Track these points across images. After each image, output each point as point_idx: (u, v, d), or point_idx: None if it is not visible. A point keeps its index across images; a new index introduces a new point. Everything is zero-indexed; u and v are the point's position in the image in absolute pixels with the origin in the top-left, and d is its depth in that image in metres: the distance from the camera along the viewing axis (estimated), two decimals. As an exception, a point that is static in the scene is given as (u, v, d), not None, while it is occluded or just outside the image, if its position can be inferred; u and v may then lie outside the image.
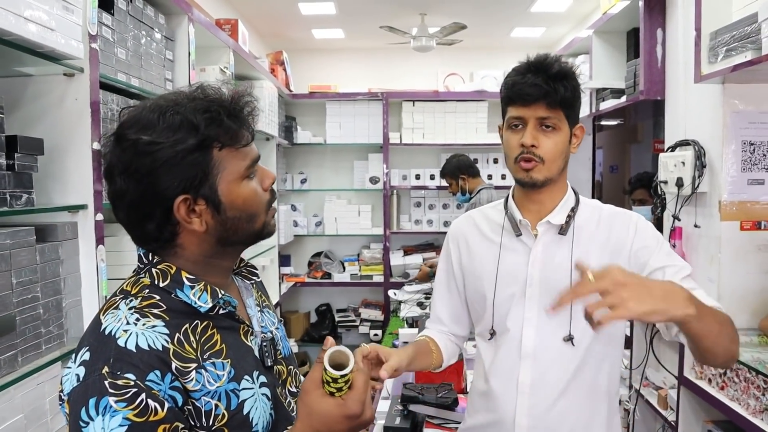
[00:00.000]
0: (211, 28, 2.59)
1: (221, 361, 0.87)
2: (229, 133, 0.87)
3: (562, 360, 1.24)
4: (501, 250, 1.32)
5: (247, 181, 0.90)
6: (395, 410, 1.79)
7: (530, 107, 1.21)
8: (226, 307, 0.90)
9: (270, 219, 0.95)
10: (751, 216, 2.02)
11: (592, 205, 1.34)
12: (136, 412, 0.76)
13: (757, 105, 2.00)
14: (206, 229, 0.88)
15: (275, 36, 4.77)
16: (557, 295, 1.17)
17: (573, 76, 1.22)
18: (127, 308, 0.84)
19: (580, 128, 1.29)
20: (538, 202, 1.29)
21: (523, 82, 1.21)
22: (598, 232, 1.28)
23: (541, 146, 1.22)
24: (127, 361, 0.78)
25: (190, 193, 0.85)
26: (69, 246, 1.50)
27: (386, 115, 4.47)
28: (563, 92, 1.19)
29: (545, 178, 1.24)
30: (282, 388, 0.98)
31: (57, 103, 1.54)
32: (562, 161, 1.26)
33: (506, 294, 1.29)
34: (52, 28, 1.36)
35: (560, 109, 1.21)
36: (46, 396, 1.38)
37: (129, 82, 1.82)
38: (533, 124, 1.22)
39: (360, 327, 4.62)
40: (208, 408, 0.83)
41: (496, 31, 4.60)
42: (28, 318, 1.35)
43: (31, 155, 1.40)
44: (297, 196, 4.75)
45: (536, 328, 1.26)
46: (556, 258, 1.27)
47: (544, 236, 1.29)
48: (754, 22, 1.69)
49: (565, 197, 1.30)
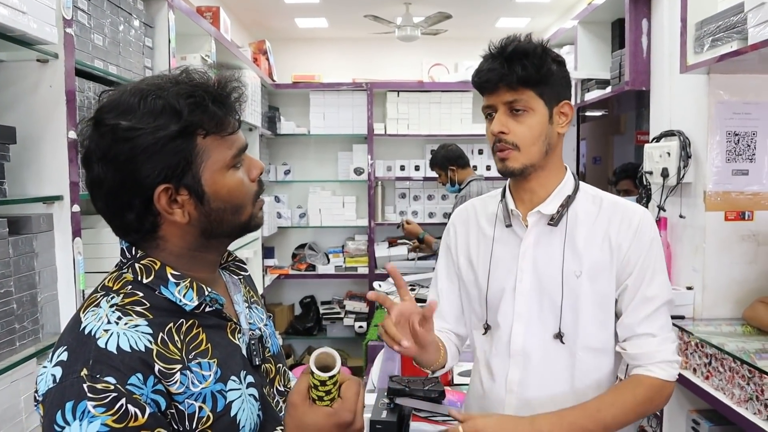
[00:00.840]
0: (192, 16, 2.54)
1: (207, 361, 0.83)
2: (214, 119, 0.82)
3: (551, 359, 1.20)
4: (494, 242, 1.27)
5: (233, 171, 0.85)
6: (381, 404, 1.77)
7: (495, 93, 1.17)
8: (212, 305, 0.86)
9: (257, 211, 0.91)
10: (735, 206, 2.02)
11: (592, 194, 1.25)
12: (114, 418, 0.72)
13: (742, 96, 2.00)
14: (189, 221, 0.83)
15: (258, 25, 4.70)
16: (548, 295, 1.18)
17: (537, 52, 1.15)
18: (109, 306, 0.80)
19: (566, 105, 1.20)
20: (529, 191, 1.23)
21: (482, 68, 1.18)
22: (595, 224, 1.21)
23: (512, 132, 1.16)
24: (107, 364, 0.74)
25: (172, 183, 0.81)
26: (44, 238, 1.46)
27: (371, 105, 4.43)
28: (521, 72, 1.13)
29: (523, 166, 1.17)
30: (270, 388, 0.94)
31: (30, 91, 1.49)
32: (543, 144, 1.18)
33: (497, 287, 1.25)
34: (23, 11, 1.30)
35: (527, 89, 1.15)
36: (20, 394, 1.34)
37: (107, 69, 1.76)
38: (502, 111, 1.17)
39: (345, 319, 4.60)
40: (191, 411, 0.79)
41: (481, 21, 4.58)
42: (0, 313, 1.30)
43: (3, 144, 1.35)
44: (281, 187, 4.70)
45: (526, 324, 1.21)
46: (548, 251, 1.21)
47: (535, 227, 1.22)
48: (740, 12, 1.68)
49: (561, 184, 1.23)
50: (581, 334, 1.19)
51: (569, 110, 1.21)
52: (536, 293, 1.21)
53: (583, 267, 1.18)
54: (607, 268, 1.19)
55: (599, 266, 1.19)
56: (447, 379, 2.08)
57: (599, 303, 1.19)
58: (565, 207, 1.21)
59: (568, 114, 1.21)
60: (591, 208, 1.22)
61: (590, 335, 1.19)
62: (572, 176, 1.25)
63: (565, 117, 1.21)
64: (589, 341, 1.19)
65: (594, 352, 1.20)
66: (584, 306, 1.18)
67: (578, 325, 1.19)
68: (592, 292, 1.18)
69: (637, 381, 1.16)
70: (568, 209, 1.21)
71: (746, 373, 1.62)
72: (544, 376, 1.20)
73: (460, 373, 1.99)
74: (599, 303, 1.19)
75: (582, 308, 1.18)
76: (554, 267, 1.19)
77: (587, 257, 1.19)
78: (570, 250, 1.19)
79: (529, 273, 1.21)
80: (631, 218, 1.19)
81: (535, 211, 1.22)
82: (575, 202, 1.22)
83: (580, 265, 1.18)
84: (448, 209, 4.57)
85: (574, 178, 1.25)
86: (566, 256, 1.19)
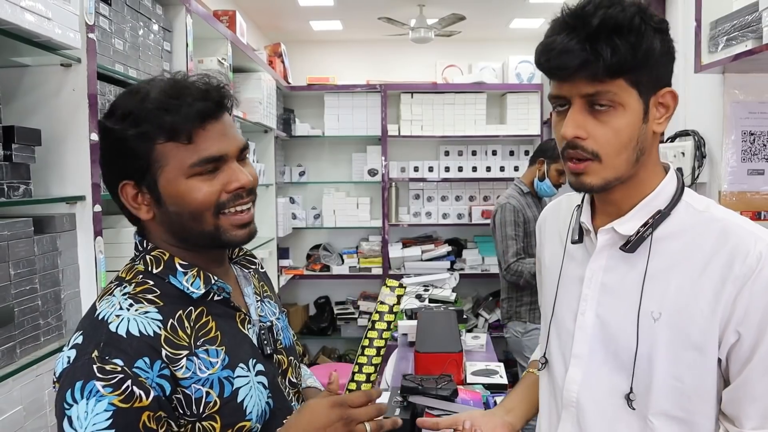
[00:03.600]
0: (209, 20, 2.58)
1: (215, 348, 0.87)
2: (164, 127, 0.84)
3: (614, 423, 0.92)
4: (564, 255, 1.00)
5: (193, 179, 0.86)
6: (395, 401, 1.79)
7: (569, 82, 0.85)
8: (220, 293, 0.90)
9: (225, 224, 0.88)
10: (750, 206, 2.02)
11: (698, 208, 0.91)
12: (121, 398, 0.76)
13: (758, 95, 2.00)
14: (154, 218, 0.89)
15: (273, 28, 4.74)
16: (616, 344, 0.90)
17: (634, 24, 0.81)
18: (121, 294, 0.85)
19: (669, 93, 0.88)
20: (610, 203, 0.94)
21: (553, 46, 0.83)
22: (693, 250, 0.88)
23: (591, 136, 0.85)
24: (116, 347, 0.79)
25: (134, 180, 0.88)
26: (67, 237, 1.50)
27: (384, 107, 4.45)
28: (610, 56, 0.80)
29: (604, 182, 0.87)
30: (282, 378, 0.97)
31: (54, 94, 1.53)
32: (633, 152, 0.86)
33: (562, 315, 0.99)
34: (48, 17, 1.34)
35: (618, 77, 0.83)
36: (45, 388, 1.38)
37: (127, 72, 1.81)
38: (579, 106, 0.85)
39: (359, 319, 4.62)
40: (198, 395, 0.83)
41: (495, 22, 4.58)
42: (26, 310, 1.34)
43: (29, 146, 1.39)
44: (295, 188, 4.74)
45: (585, 370, 0.94)
46: (622, 280, 0.92)
47: (608, 248, 0.94)
48: (755, 11, 1.68)
49: (652, 195, 0.91)
50: (655, 396, 0.89)
51: (671, 100, 0.88)
52: (602, 333, 0.93)
53: (665, 308, 0.88)
54: (703, 314, 0.86)
55: (690, 309, 0.87)
56: (460, 378, 2.09)
57: (687, 361, 0.88)
58: (651, 227, 0.90)
59: (669, 106, 0.89)
60: (693, 227, 0.90)
61: (668, 399, 0.89)
62: (674, 182, 0.93)
63: (665, 109, 0.88)
64: (667, 407, 0.89)
65: (673, 422, 0.89)
66: (663, 361, 0.88)
67: (652, 386, 0.89)
68: (677, 345, 0.88)
69: None
70: (653, 230, 0.90)
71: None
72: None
73: (473, 372, 2.01)
74: (687, 361, 0.88)
75: (659, 364, 0.88)
76: (629, 303, 0.90)
77: (672, 295, 0.88)
78: (651, 283, 0.89)
79: (594, 304, 0.94)
80: (747, 253, 0.84)
81: (608, 227, 0.93)
82: (669, 219, 0.90)
83: (661, 305, 0.89)
84: (462, 210, 4.57)
85: (677, 185, 0.92)
86: (645, 291, 0.89)
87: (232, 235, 0.89)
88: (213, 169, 0.87)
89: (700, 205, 0.92)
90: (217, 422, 0.84)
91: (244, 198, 0.90)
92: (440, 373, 1.92)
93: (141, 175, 0.87)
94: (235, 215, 0.89)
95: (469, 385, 1.93)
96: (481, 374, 1.98)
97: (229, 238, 0.89)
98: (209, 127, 0.87)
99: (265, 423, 0.91)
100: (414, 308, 3.28)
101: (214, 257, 0.94)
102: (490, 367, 2.04)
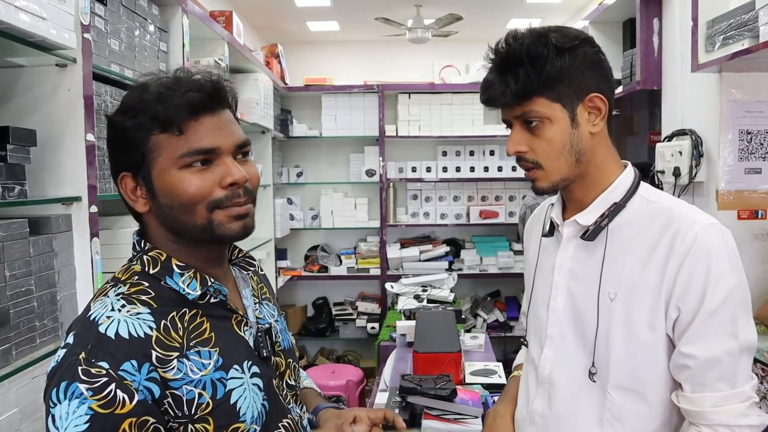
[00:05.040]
0: (206, 20, 2.57)
1: (208, 350, 0.86)
2: (156, 118, 0.85)
3: (580, 397, 1.02)
4: (540, 249, 1.14)
5: (183, 170, 0.85)
6: (393, 402, 1.79)
7: (504, 108, 1.01)
8: (216, 295, 0.90)
9: (221, 218, 0.86)
10: (748, 205, 2.02)
11: (650, 199, 1.02)
12: (101, 403, 0.76)
13: (754, 94, 2.00)
14: (150, 210, 0.89)
15: (270, 28, 4.74)
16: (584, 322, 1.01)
17: (533, 51, 0.94)
18: (115, 295, 0.85)
19: (595, 98, 0.98)
20: (573, 200, 1.06)
21: (483, 84, 1.01)
22: (643, 235, 0.99)
23: (531, 149, 1.00)
24: (103, 348, 0.79)
25: (132, 172, 0.88)
26: (63, 238, 1.49)
27: (382, 107, 4.45)
28: (515, 84, 0.95)
29: (552, 184, 1.01)
30: (279, 380, 0.97)
31: (50, 94, 1.52)
32: (570, 155, 0.99)
33: (538, 301, 1.11)
34: (43, 17, 1.34)
35: (533, 97, 0.96)
36: (41, 390, 1.35)
37: (123, 73, 1.80)
38: (517, 126, 1.01)
39: (357, 320, 4.61)
40: (190, 397, 0.82)
41: (492, 22, 4.58)
42: (21, 311, 1.33)
43: (24, 146, 1.39)
44: (293, 189, 4.73)
45: (556, 350, 1.05)
46: (585, 266, 1.03)
47: (572, 239, 1.05)
48: (752, 10, 1.68)
49: (609, 189, 1.02)
50: (616, 372, 0.98)
51: (601, 103, 0.99)
52: (571, 316, 1.04)
53: (619, 288, 0.99)
54: (648, 293, 0.96)
55: (639, 289, 0.97)
56: (459, 378, 2.09)
57: (639, 336, 0.97)
58: (607, 218, 1.01)
59: (600, 108, 0.99)
60: (645, 216, 1.00)
61: (623, 372, 0.98)
62: (630, 178, 1.04)
63: (596, 113, 0.99)
64: (622, 380, 0.98)
65: (628, 394, 0.98)
66: (618, 338, 0.98)
67: (610, 361, 0.98)
68: (630, 321, 0.97)
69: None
70: (610, 220, 1.01)
71: (760, 372, 1.62)
72: (569, 415, 1.03)
73: (472, 372, 2.00)
74: (639, 336, 0.97)
75: (615, 340, 0.98)
76: (590, 286, 1.01)
77: (626, 276, 0.98)
78: (608, 267, 1.00)
79: (563, 290, 1.05)
80: (685, 234, 0.94)
81: (571, 220, 1.05)
82: (625, 210, 1.01)
83: (616, 285, 0.99)
84: (460, 210, 4.58)
85: (633, 180, 1.04)
86: (604, 275, 1.00)
87: (227, 228, 0.87)
88: (204, 161, 0.86)
89: (653, 196, 1.03)
90: (210, 424, 0.83)
91: (241, 197, 0.87)
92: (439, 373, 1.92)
93: (137, 167, 0.87)
94: (231, 209, 0.87)
95: (468, 385, 1.92)
96: (480, 374, 1.98)
97: (223, 231, 0.86)
98: (203, 120, 0.86)
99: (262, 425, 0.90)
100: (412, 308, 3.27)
101: (212, 256, 0.93)
102: (489, 367, 2.04)
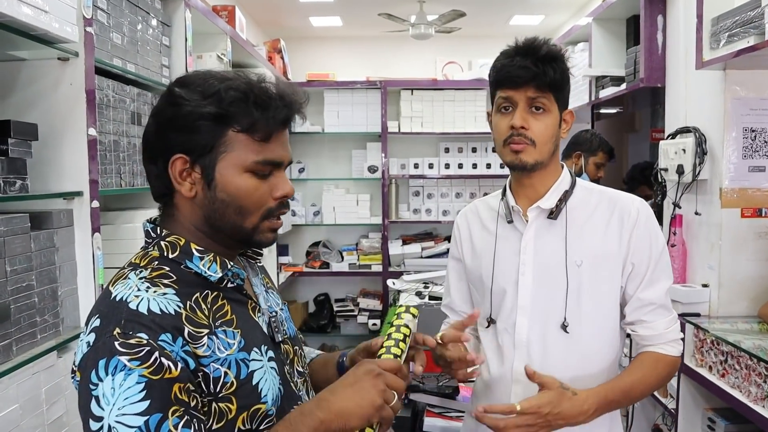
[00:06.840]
0: (208, 15, 2.56)
1: (232, 330, 0.87)
2: (247, 118, 0.86)
3: (557, 349, 1.24)
4: (497, 239, 1.31)
5: (250, 175, 0.88)
6: (395, 398, 1.79)
7: (519, 89, 1.20)
8: (234, 279, 0.91)
9: (265, 227, 0.92)
10: (751, 203, 2.00)
11: (588, 188, 1.31)
12: (150, 369, 0.75)
13: (759, 91, 1.98)
14: (194, 197, 0.89)
15: (273, 24, 4.73)
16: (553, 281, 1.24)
17: (562, 58, 1.21)
18: (138, 278, 0.85)
19: (570, 113, 1.27)
20: (529, 187, 1.28)
21: (512, 64, 1.20)
22: (594, 216, 1.26)
23: (531, 128, 1.20)
24: (138, 322, 0.78)
25: (190, 156, 0.87)
26: (64, 233, 1.48)
27: (384, 103, 4.44)
28: (552, 74, 1.18)
29: (535, 161, 1.22)
30: (290, 367, 0.98)
31: (51, 88, 1.52)
32: (553, 145, 1.24)
33: (501, 282, 1.29)
34: (46, 10, 1.33)
35: (550, 91, 1.20)
36: (41, 386, 1.37)
37: (125, 67, 1.79)
38: (523, 106, 1.20)
39: (358, 317, 4.61)
40: (217, 375, 0.83)
41: (495, 18, 4.57)
42: (22, 306, 1.33)
43: (25, 141, 1.38)
44: (295, 185, 4.65)
45: (529, 316, 1.25)
46: (549, 245, 1.26)
47: (536, 222, 1.27)
48: (757, 7, 1.67)
49: (558, 180, 1.28)
50: (585, 322, 1.23)
51: (570, 118, 1.28)
52: (538, 286, 1.25)
53: (584, 256, 1.23)
54: (610, 258, 1.24)
55: (602, 255, 1.24)
56: (460, 376, 2.08)
57: (603, 291, 1.24)
58: (563, 201, 1.26)
59: (568, 121, 1.27)
60: (589, 200, 1.28)
61: (594, 323, 1.24)
62: (569, 173, 1.31)
63: (566, 124, 1.27)
64: (594, 329, 1.24)
65: (599, 339, 1.25)
66: (587, 294, 1.23)
67: (581, 314, 1.23)
68: (596, 281, 1.23)
69: (656, 359, 1.25)
70: (566, 203, 1.26)
71: (762, 371, 1.61)
72: (549, 365, 1.22)
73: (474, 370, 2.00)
74: (603, 291, 1.24)
75: (585, 297, 1.23)
76: (557, 258, 1.24)
77: (588, 247, 1.24)
78: (571, 240, 1.24)
79: (530, 266, 1.26)
80: (630, 207, 1.26)
81: (534, 207, 1.27)
82: (573, 196, 1.28)
83: (581, 255, 1.24)
84: (462, 207, 4.56)
85: (571, 175, 1.31)
86: (568, 246, 1.24)
87: (264, 237, 0.92)
88: (268, 172, 0.90)
89: (588, 185, 1.33)
90: (233, 403, 0.84)
91: (284, 211, 0.94)
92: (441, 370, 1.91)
93: (200, 154, 0.87)
94: (275, 221, 0.93)
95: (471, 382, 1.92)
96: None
97: (261, 239, 0.92)
98: (280, 134, 0.90)
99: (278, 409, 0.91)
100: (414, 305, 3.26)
101: (231, 248, 0.95)
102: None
